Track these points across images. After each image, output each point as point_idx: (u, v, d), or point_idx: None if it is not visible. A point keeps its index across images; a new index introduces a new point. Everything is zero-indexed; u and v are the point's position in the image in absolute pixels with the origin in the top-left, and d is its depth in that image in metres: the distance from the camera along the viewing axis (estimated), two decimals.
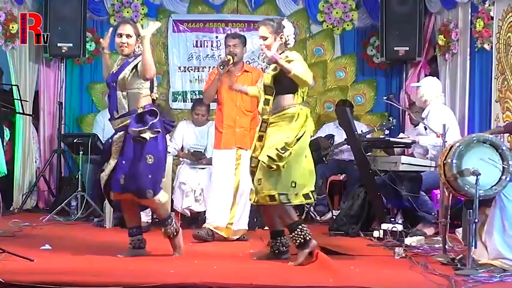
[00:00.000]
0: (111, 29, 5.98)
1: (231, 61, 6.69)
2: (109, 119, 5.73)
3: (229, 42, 6.90)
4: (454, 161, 5.07)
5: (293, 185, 5.43)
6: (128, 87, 5.60)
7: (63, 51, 9.03)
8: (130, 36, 5.64)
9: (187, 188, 7.58)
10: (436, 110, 7.35)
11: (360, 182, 7.46)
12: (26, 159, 9.08)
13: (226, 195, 6.75)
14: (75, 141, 8.39)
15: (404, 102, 9.16)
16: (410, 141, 7.35)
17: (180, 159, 8.14)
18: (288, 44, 5.61)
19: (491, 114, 7.57)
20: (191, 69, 9.74)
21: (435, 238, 6.57)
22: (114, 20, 9.59)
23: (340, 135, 8.59)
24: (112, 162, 5.62)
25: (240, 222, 6.80)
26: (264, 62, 9.48)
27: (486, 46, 7.72)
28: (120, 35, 5.64)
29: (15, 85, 8.34)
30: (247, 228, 6.91)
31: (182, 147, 8.13)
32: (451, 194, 5.60)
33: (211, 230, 6.73)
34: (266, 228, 7.45)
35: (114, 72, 5.69)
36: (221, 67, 6.71)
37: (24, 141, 9.04)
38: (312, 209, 8.49)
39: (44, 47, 9.03)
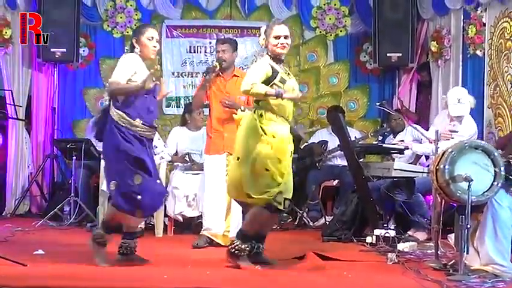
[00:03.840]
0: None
1: (217, 67, 6.70)
2: (152, 128, 5.61)
3: (218, 48, 6.88)
4: (447, 167, 5.08)
5: None
6: None
7: (56, 56, 9.02)
8: None
9: (179, 193, 7.57)
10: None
11: (352, 188, 7.46)
12: (18, 164, 9.09)
13: (220, 201, 6.73)
14: (68, 146, 8.37)
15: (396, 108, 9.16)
16: (403, 147, 7.37)
17: (174, 164, 8.14)
18: None
19: (484, 120, 7.61)
20: (184, 75, 9.76)
21: (427, 244, 6.58)
22: (108, 26, 9.61)
23: (333, 141, 8.59)
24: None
25: (236, 229, 6.76)
26: None
27: (478, 52, 7.77)
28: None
29: (9, 90, 8.34)
30: None
31: (176, 152, 8.11)
32: (443, 200, 5.61)
33: (209, 237, 6.72)
34: None
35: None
36: (205, 74, 6.73)
37: (17, 146, 9.06)
38: (304, 214, 8.50)
39: (37, 52, 9.04)
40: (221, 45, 6.88)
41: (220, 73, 6.81)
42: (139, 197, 5.41)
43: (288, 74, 5.64)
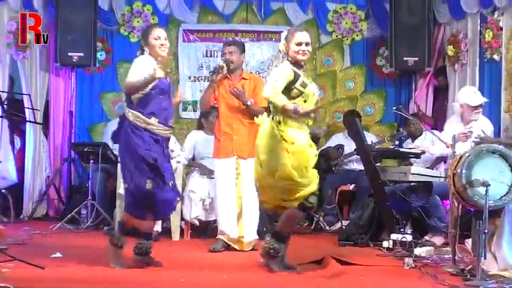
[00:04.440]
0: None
1: (225, 68, 6.71)
2: (167, 127, 5.61)
3: (225, 50, 6.87)
4: (464, 172, 5.08)
5: None
6: None
7: (73, 60, 9.06)
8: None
9: (196, 196, 7.56)
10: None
11: (369, 192, 7.46)
12: (36, 167, 9.13)
13: (231, 205, 6.72)
14: (85, 150, 8.43)
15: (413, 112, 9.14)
16: (420, 152, 7.36)
17: (192, 168, 8.15)
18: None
19: (501, 125, 7.58)
20: (201, 79, 9.75)
21: (445, 248, 6.56)
22: (125, 30, 9.64)
23: (349, 145, 8.59)
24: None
25: (252, 234, 6.76)
26: None
27: (495, 57, 7.74)
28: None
29: (27, 94, 8.39)
30: (258, 238, 6.84)
31: (193, 157, 8.11)
32: (460, 205, 5.60)
33: (225, 242, 6.73)
34: None
35: (166, 80, 5.72)
36: (211, 74, 6.74)
37: (34, 150, 9.10)
38: (321, 218, 8.50)
39: (54, 56, 9.10)
40: (228, 47, 6.88)
41: (228, 75, 6.82)
42: (148, 201, 5.45)
43: (308, 78, 5.62)
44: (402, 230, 6.85)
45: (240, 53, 6.86)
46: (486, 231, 4.95)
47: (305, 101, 5.43)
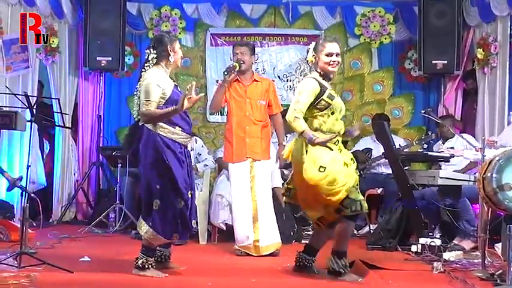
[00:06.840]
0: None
1: (237, 68, 6.71)
2: (189, 135, 5.57)
3: (237, 50, 6.88)
4: (494, 175, 5.03)
5: None
6: None
7: (102, 64, 9.13)
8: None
9: (224, 201, 7.55)
10: None
11: (397, 196, 7.41)
12: (65, 171, 9.20)
13: (247, 209, 6.66)
14: (113, 153, 8.46)
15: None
16: (448, 156, 7.30)
17: (219, 172, 8.15)
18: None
19: None
20: None
21: (474, 253, 6.50)
22: (153, 34, 9.67)
23: (377, 149, 8.55)
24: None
25: (269, 237, 6.65)
26: (301, 75, 9.48)
27: None
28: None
29: (57, 98, 8.45)
30: (281, 242, 6.78)
31: None
32: (490, 209, 5.55)
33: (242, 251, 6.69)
34: (303, 241, 7.36)
35: (179, 91, 5.61)
36: (225, 73, 6.73)
37: (63, 154, 9.17)
38: None
39: (83, 60, 9.17)
40: (239, 48, 6.90)
41: (238, 78, 6.82)
42: (179, 220, 5.35)
43: (335, 91, 5.58)
44: (431, 234, 6.80)
45: (250, 54, 6.88)
46: None
47: (332, 113, 5.39)
